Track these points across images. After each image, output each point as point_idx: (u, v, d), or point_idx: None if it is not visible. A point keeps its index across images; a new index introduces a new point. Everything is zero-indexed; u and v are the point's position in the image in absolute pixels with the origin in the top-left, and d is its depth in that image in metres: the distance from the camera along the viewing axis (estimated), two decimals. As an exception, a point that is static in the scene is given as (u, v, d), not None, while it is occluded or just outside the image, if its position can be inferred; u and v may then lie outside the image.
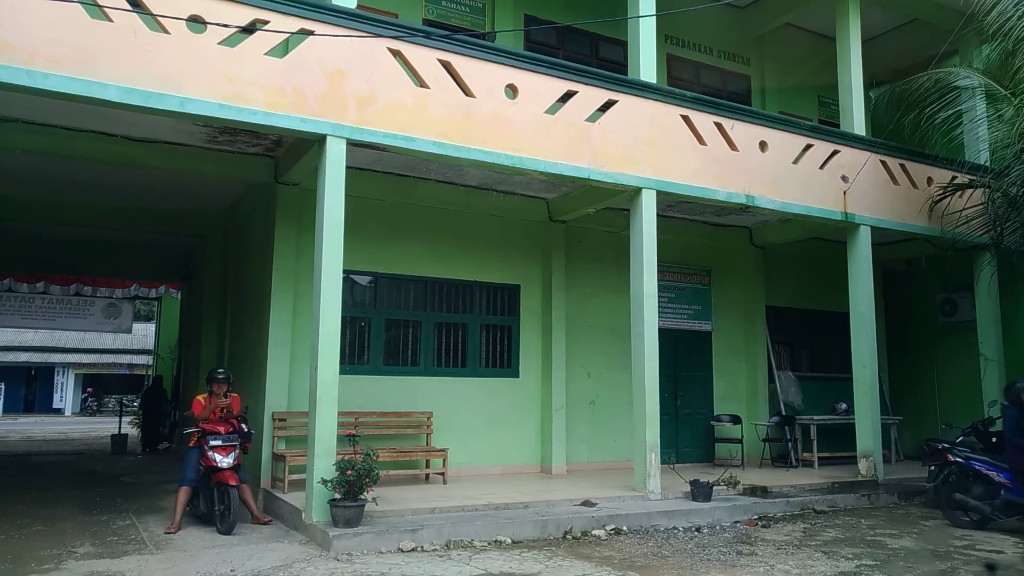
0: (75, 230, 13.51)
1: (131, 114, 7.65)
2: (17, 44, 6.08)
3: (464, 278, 10.49)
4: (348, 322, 9.47)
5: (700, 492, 8.26)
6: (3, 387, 34.44)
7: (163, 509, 8.48)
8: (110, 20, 6.47)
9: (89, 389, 36.75)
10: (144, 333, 35.93)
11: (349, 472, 6.66)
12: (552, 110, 8.72)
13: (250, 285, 10.27)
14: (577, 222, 11.10)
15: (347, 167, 8.94)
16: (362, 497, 6.68)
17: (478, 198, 10.49)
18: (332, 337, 7.25)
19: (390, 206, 9.93)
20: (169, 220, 12.23)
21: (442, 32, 8.59)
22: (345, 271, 9.37)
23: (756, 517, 7.96)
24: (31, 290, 17.19)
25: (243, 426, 7.66)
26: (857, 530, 7.83)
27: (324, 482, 6.75)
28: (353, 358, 9.62)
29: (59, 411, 36.10)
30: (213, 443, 7.36)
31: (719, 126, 9.80)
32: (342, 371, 9.04)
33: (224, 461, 7.30)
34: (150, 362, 36.04)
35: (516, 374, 10.66)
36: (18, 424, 28.19)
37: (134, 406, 22.57)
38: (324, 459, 6.98)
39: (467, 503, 7.63)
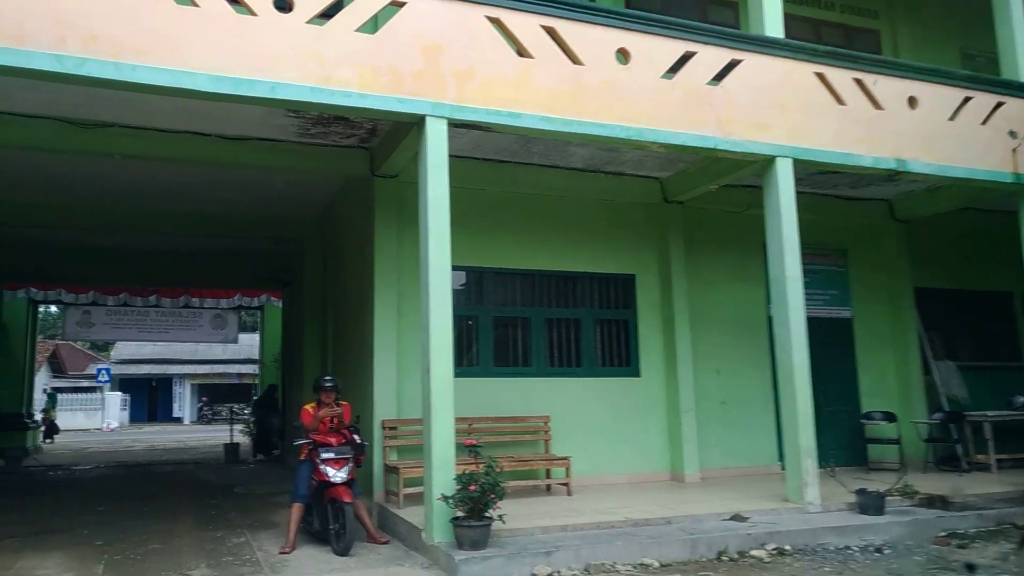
0: (178, 241, 13.56)
1: (223, 111, 7.34)
2: (103, 35, 5.70)
3: (574, 269, 9.67)
4: (454, 321, 8.81)
5: (870, 504, 7.12)
6: (129, 398, 36.15)
7: (276, 525, 8.07)
8: (196, 5, 6.03)
9: (204, 398, 38.15)
10: (250, 343, 37.03)
11: (472, 487, 5.96)
12: (669, 74, 7.79)
13: (351, 287, 9.81)
14: (695, 202, 10.08)
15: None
16: (488, 515, 5.97)
17: (585, 181, 9.65)
18: (444, 337, 6.59)
19: (491, 195, 9.23)
20: (267, 226, 11.99)
21: (543, -4, 7.81)
22: None
23: (945, 534, 6.74)
24: (144, 303, 17.55)
25: (355, 437, 7.10)
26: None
27: (445, 499, 6.08)
28: (461, 359, 8.93)
29: (179, 420, 37.65)
30: (325, 456, 6.82)
31: (859, 82, 8.59)
32: None
33: (337, 475, 6.75)
34: (256, 371, 37.17)
35: (636, 373, 9.74)
36: (143, 433, 29.41)
37: (244, 415, 22.99)
38: (443, 472, 6.32)
39: (601, 519, 6.80)
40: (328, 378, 7.26)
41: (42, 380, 33.03)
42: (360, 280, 9.10)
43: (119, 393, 35.06)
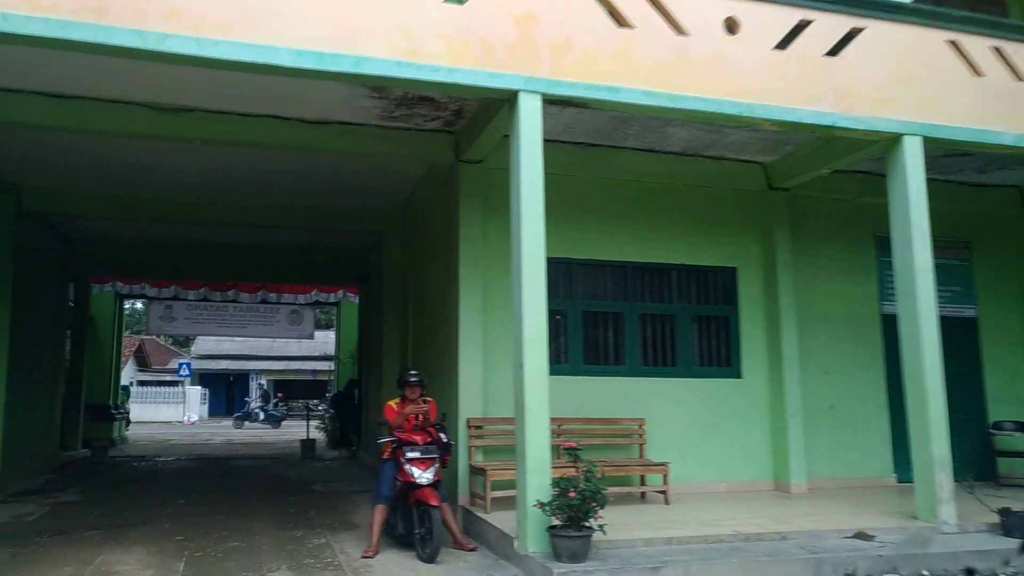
0: (257, 235, 13.47)
1: (304, 93, 7.03)
2: (183, 9, 5.41)
3: (669, 261, 9.01)
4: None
5: (1017, 525, 6.26)
6: (208, 392, 37.06)
7: (356, 526, 7.72)
8: (279, -26, 5.69)
9: (279, 394, 38.80)
10: (324, 340, 37.46)
11: (572, 494, 5.42)
12: (782, 45, 7.07)
13: (433, 280, 9.41)
14: (801, 190, 9.28)
15: None
16: (588, 525, 5.42)
17: (682, 166, 8.99)
18: (538, 331, 6.09)
19: (580, 182, 8.66)
20: (346, 218, 11.71)
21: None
22: None
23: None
24: (223, 297, 17.69)
25: (442, 436, 6.65)
26: None
27: (541, 505, 5.56)
28: (549, 356, 8.42)
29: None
30: (410, 455, 6.40)
31: (998, 51, 7.66)
32: None
33: (423, 476, 6.32)
34: (331, 367, 37.59)
35: (738, 373, 9.01)
36: (220, 427, 30.03)
37: (318, 411, 23.10)
38: (537, 476, 5.80)
39: (708, 532, 6.16)
40: (413, 373, 6.84)
41: (128, 374, 34.19)
42: (444, 273, 8.68)
43: (199, 387, 35.97)
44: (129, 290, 17.10)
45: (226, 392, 39.89)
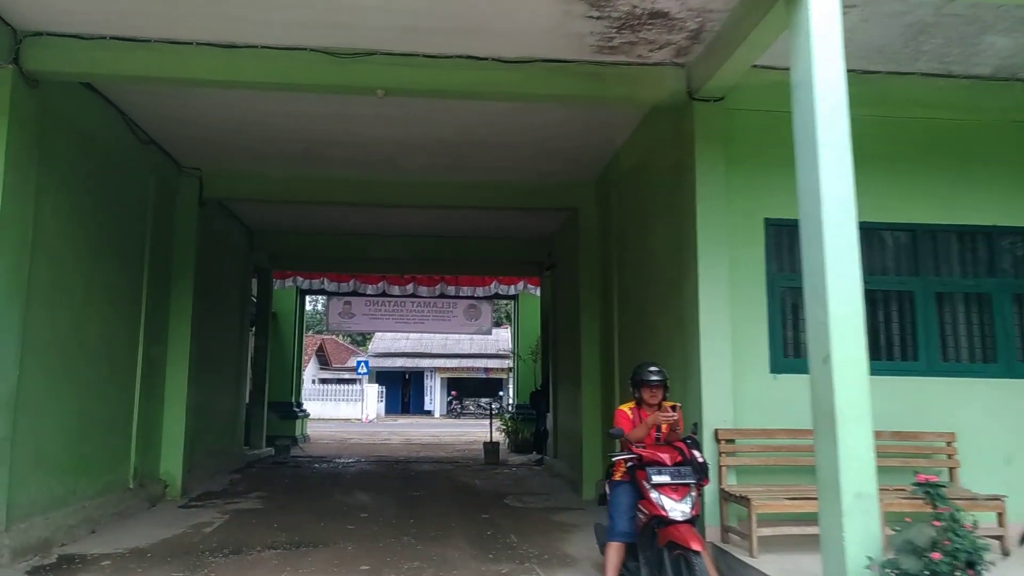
0: (436, 220, 12.43)
1: (507, 16, 5.60)
2: None
3: (977, 223, 6.71)
4: (792, 296, 6.41)
5: None
6: (384, 390, 37.63)
7: (572, 560, 6.19)
8: None
9: (453, 392, 38.73)
10: (495, 338, 36.86)
11: (936, 555, 3.50)
12: None
13: (650, 258, 7.70)
14: None
15: (770, 69, 6.07)
16: (971, 609, 3.49)
17: (993, 95, 6.70)
18: (851, 311, 4.23)
19: (851, 121, 6.58)
20: (537, 193, 10.27)
21: None
22: (777, 220, 6.49)
23: None
24: (401, 291, 17.01)
25: (695, 453, 4.93)
26: None
27: (879, 568, 3.68)
28: (800, 350, 6.46)
29: (429, 413, 38.55)
30: (657, 480, 4.72)
31: None
32: (791, 368, 6.15)
33: (678, 509, 4.62)
34: (505, 365, 36.90)
35: (1085, 372, 6.55)
36: (398, 425, 30.07)
37: (492, 409, 22.23)
38: (860, 518, 3.94)
39: None
40: (654, 369, 5.16)
41: (310, 372, 35.36)
42: (670, 247, 6.95)
43: (376, 385, 36.56)
44: (309, 285, 16.81)
45: (401, 390, 40.47)
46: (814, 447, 4.38)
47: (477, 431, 25.94)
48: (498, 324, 33.73)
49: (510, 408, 18.14)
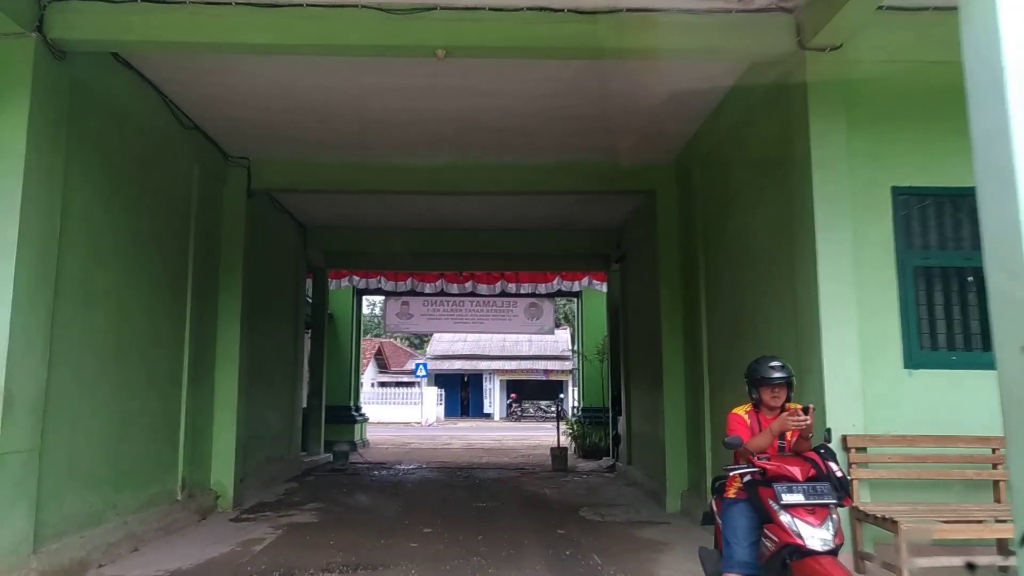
0: (495, 210, 11.66)
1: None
2: None
3: None
4: (928, 277, 5.41)
5: None
6: (444, 393, 37.15)
7: (671, 591, 5.29)
8: None
9: (513, 395, 37.99)
10: (554, 339, 35.96)
11: None
12: None
13: (751, 238, 6.75)
14: None
15: (899, 10, 5.16)
16: None
17: None
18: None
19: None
20: (606, 177, 9.33)
21: None
22: (908, 189, 5.50)
23: None
24: (460, 291, 16.32)
25: (831, 466, 3.98)
26: None
27: None
28: (939, 341, 5.45)
29: (488, 416, 37.88)
30: (789, 499, 3.79)
31: None
32: (929, 362, 5.19)
33: (817, 537, 3.68)
34: (563, 367, 35.99)
35: None
36: (457, 429, 29.47)
37: (551, 412, 21.40)
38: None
39: None
40: (776, 364, 4.21)
41: (369, 375, 35.10)
42: (777, 226, 6.01)
43: (435, 388, 36.09)
44: (366, 284, 16.25)
45: (460, 392, 39.95)
46: (1007, 458, 3.40)
47: (539, 434, 25.12)
48: (556, 324, 32.88)
49: (575, 411, 17.23)
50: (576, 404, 18.09)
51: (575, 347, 17.63)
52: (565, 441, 14.83)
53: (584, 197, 10.79)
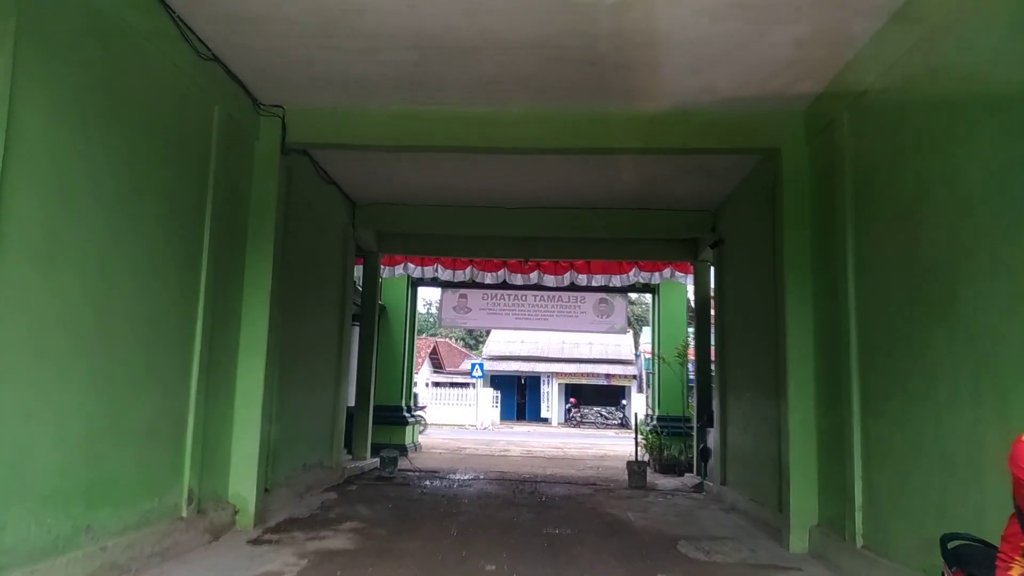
0: (570, 183, 10.00)
1: None
2: None
3: None
4: None
5: None
6: (499, 395, 35.62)
7: None
8: None
9: (572, 400, 36.23)
10: (616, 342, 34.03)
11: None
12: None
13: (933, 214, 4.91)
14: None
15: None
16: None
17: None
18: None
19: None
20: (713, 130, 7.46)
21: None
22: None
23: None
24: (524, 282, 14.69)
25: None
26: None
27: None
28: None
29: (546, 421, 36.22)
30: None
31: None
32: None
33: None
34: (626, 371, 34.01)
35: None
36: (514, 434, 27.92)
37: (612, 420, 19.55)
38: None
39: None
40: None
41: (423, 375, 33.82)
42: (1002, 168, 4.18)
43: (490, 389, 34.61)
44: (421, 273, 14.78)
45: (516, 395, 38.42)
46: None
47: (602, 443, 23.36)
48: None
49: (648, 419, 15.41)
50: (649, 412, 16.24)
51: (653, 347, 15.77)
52: (642, 454, 13.06)
53: (682, 165, 9.06)
